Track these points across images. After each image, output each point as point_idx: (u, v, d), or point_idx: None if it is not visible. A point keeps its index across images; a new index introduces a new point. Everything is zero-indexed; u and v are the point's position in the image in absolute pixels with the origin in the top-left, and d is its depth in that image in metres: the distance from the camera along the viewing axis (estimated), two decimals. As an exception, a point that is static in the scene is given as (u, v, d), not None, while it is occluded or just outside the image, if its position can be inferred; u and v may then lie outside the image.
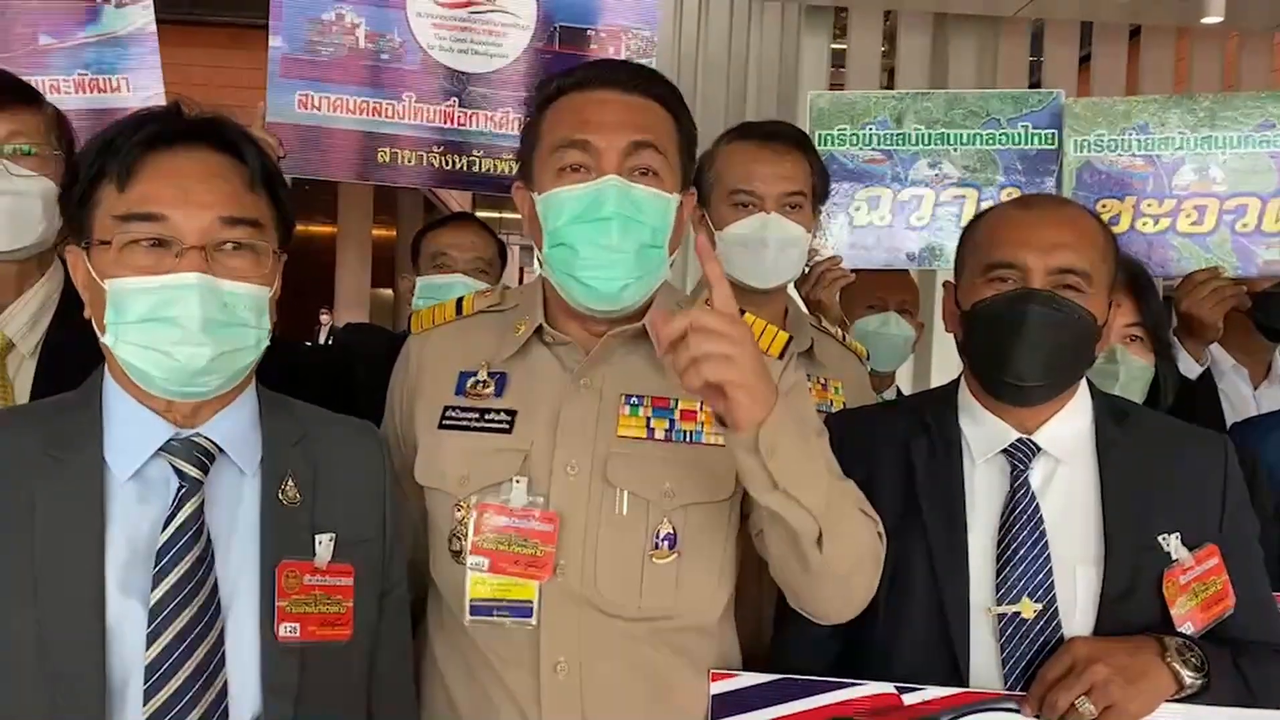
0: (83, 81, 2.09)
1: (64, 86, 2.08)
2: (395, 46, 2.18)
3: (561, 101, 1.46)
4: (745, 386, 1.20)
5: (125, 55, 2.10)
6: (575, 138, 1.41)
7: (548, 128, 1.45)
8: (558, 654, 1.40)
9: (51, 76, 2.08)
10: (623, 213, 1.38)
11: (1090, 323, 1.48)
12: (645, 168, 1.41)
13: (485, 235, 2.58)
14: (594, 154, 1.40)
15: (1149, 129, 2.48)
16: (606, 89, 1.44)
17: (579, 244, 1.39)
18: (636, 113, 1.43)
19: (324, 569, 1.26)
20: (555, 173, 1.42)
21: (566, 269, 1.42)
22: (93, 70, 2.10)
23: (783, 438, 1.23)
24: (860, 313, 2.60)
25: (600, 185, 1.39)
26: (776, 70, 4.55)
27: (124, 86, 2.11)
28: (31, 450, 1.19)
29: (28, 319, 1.66)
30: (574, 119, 1.42)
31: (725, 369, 1.19)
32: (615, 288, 1.41)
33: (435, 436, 1.47)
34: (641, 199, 1.40)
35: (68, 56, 2.10)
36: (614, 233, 1.38)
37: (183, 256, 1.17)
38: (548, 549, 1.38)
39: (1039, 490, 1.51)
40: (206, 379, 1.19)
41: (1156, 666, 1.39)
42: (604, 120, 1.41)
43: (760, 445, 1.22)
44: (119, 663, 1.15)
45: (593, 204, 1.39)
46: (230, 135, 1.24)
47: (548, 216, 1.43)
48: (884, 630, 1.51)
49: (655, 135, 1.43)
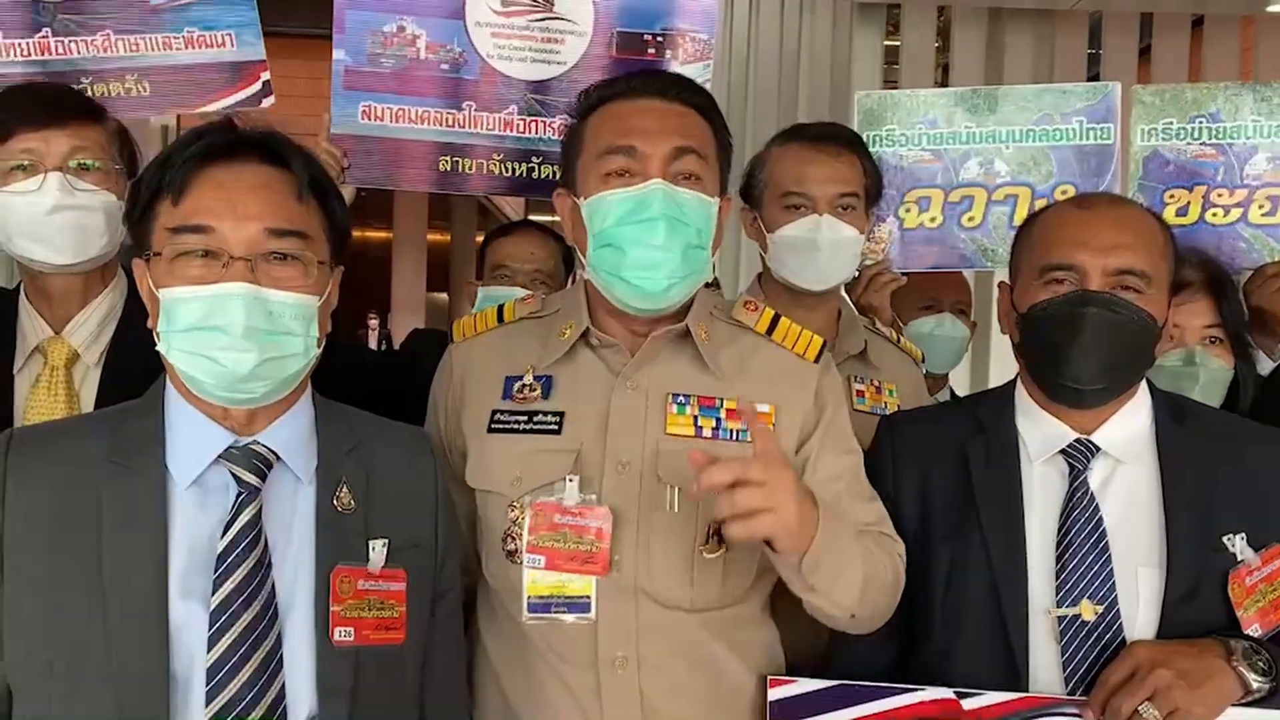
0: (191, 38, 2.17)
1: (175, 43, 2.17)
2: (455, 56, 2.20)
3: (604, 109, 1.51)
4: (789, 535, 1.29)
5: (229, 12, 2.18)
6: (621, 143, 1.45)
7: (592, 135, 1.50)
8: (616, 649, 1.43)
9: (163, 35, 2.16)
10: (669, 214, 1.42)
11: (1150, 324, 1.46)
12: (688, 172, 1.46)
13: (548, 245, 2.56)
14: (639, 159, 1.44)
15: (1220, 117, 2.41)
16: (649, 97, 1.49)
17: (626, 244, 1.43)
18: (678, 120, 1.48)
19: (377, 574, 1.28)
20: (601, 177, 1.46)
21: (613, 269, 1.45)
22: (200, 27, 2.17)
23: (823, 559, 1.33)
24: (914, 314, 2.56)
25: (647, 188, 1.43)
26: (829, 68, 4.51)
27: (229, 42, 2.18)
28: (97, 457, 1.23)
29: (93, 329, 1.70)
30: (619, 126, 1.47)
31: (768, 525, 1.27)
32: (661, 286, 1.44)
33: (485, 440, 1.50)
34: (686, 201, 1.44)
35: (177, 15, 2.17)
36: (661, 233, 1.42)
37: (229, 267, 1.19)
38: (603, 545, 1.41)
39: (1098, 491, 1.49)
40: (253, 385, 1.22)
41: (1222, 670, 1.36)
42: (648, 127, 1.46)
43: (803, 568, 1.33)
44: (182, 664, 1.18)
45: (640, 205, 1.43)
46: (280, 148, 1.27)
47: (594, 219, 1.46)
48: (942, 632, 1.51)
49: (697, 141, 1.48)
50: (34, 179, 1.64)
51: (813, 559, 1.31)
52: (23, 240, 1.66)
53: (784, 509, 1.26)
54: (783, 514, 1.26)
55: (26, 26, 2.11)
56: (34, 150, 1.65)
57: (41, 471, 1.22)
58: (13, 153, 1.65)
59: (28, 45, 2.11)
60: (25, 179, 1.64)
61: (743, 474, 1.25)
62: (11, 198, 1.64)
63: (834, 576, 1.36)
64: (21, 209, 1.64)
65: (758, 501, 1.25)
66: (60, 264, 1.67)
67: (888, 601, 1.47)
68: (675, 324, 1.51)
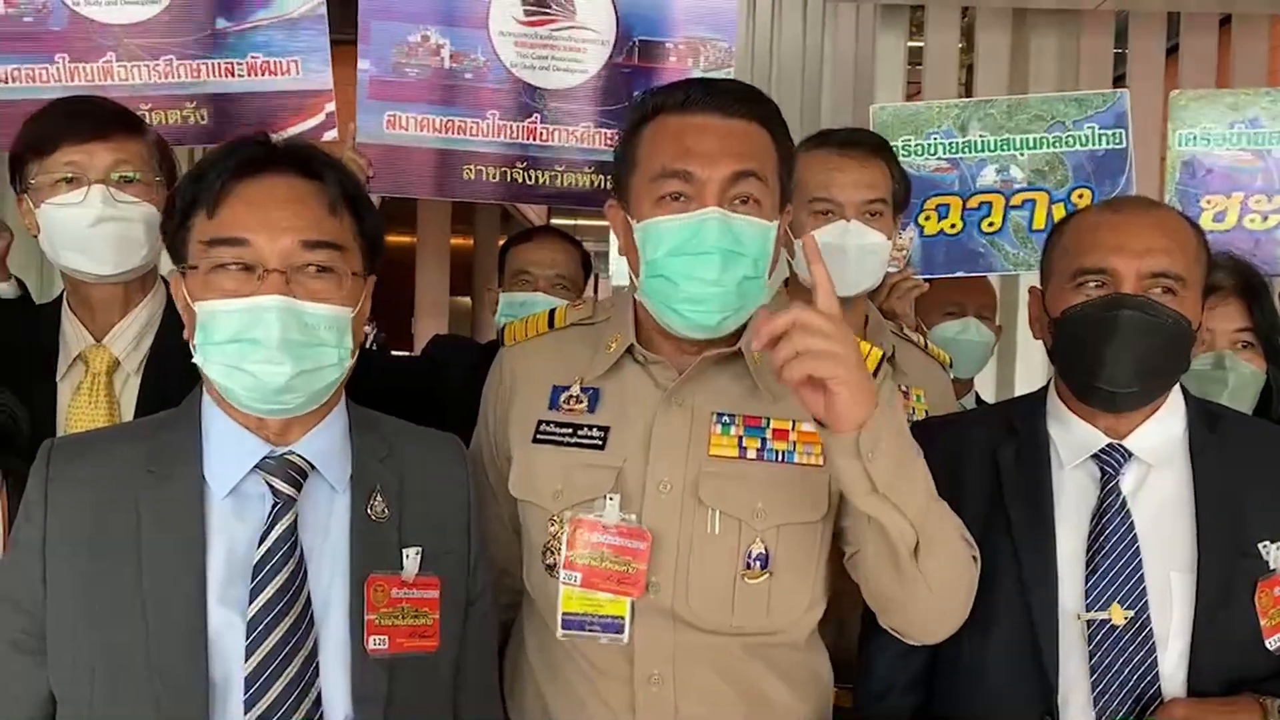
0: (254, 64, 2.12)
1: (238, 70, 2.11)
2: (479, 65, 2.21)
3: (659, 123, 1.42)
4: (848, 383, 1.19)
5: (296, 37, 2.12)
6: (676, 167, 1.38)
7: (646, 152, 1.42)
8: (651, 667, 1.42)
9: (226, 60, 2.11)
10: (724, 246, 1.35)
11: (1185, 327, 1.45)
12: (746, 195, 1.38)
13: (568, 251, 2.59)
14: (695, 184, 1.37)
15: (1259, 122, 2.41)
16: (707, 113, 1.40)
17: (679, 278, 1.37)
18: (738, 140, 1.40)
19: (411, 582, 1.28)
20: (654, 201, 1.39)
21: (665, 300, 1.40)
22: (264, 53, 2.12)
23: (883, 441, 1.22)
24: (938, 319, 2.56)
25: (702, 217, 1.36)
26: (852, 71, 4.50)
27: (294, 69, 2.13)
28: (136, 466, 1.25)
29: (133, 338, 1.72)
30: (674, 147, 1.39)
31: (829, 364, 1.18)
32: (714, 321, 1.39)
33: (529, 450, 1.48)
34: (742, 230, 1.37)
35: (241, 39, 2.12)
36: (715, 267, 1.35)
37: (264, 279, 1.20)
38: (640, 567, 1.39)
39: (1130, 495, 1.48)
40: (288, 396, 1.23)
41: None
42: (705, 149, 1.37)
43: (860, 447, 1.21)
44: (220, 672, 1.19)
45: (693, 237, 1.36)
46: (313, 161, 1.28)
47: (646, 246, 1.40)
48: (971, 637, 1.49)
49: (757, 162, 1.40)
50: (78, 191, 1.66)
51: (871, 435, 1.21)
52: (67, 251, 1.68)
53: (845, 355, 1.18)
54: (844, 358, 1.17)
55: (92, 51, 2.09)
56: (77, 163, 1.67)
57: (82, 480, 1.24)
58: (57, 166, 1.67)
59: (91, 70, 2.11)
60: (69, 191, 1.66)
61: (803, 317, 1.17)
62: (57, 210, 1.67)
63: (895, 468, 1.24)
64: (66, 221, 1.66)
65: (817, 342, 1.17)
66: (103, 274, 1.69)
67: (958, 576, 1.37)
68: (728, 346, 1.45)
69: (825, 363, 1.18)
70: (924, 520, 1.29)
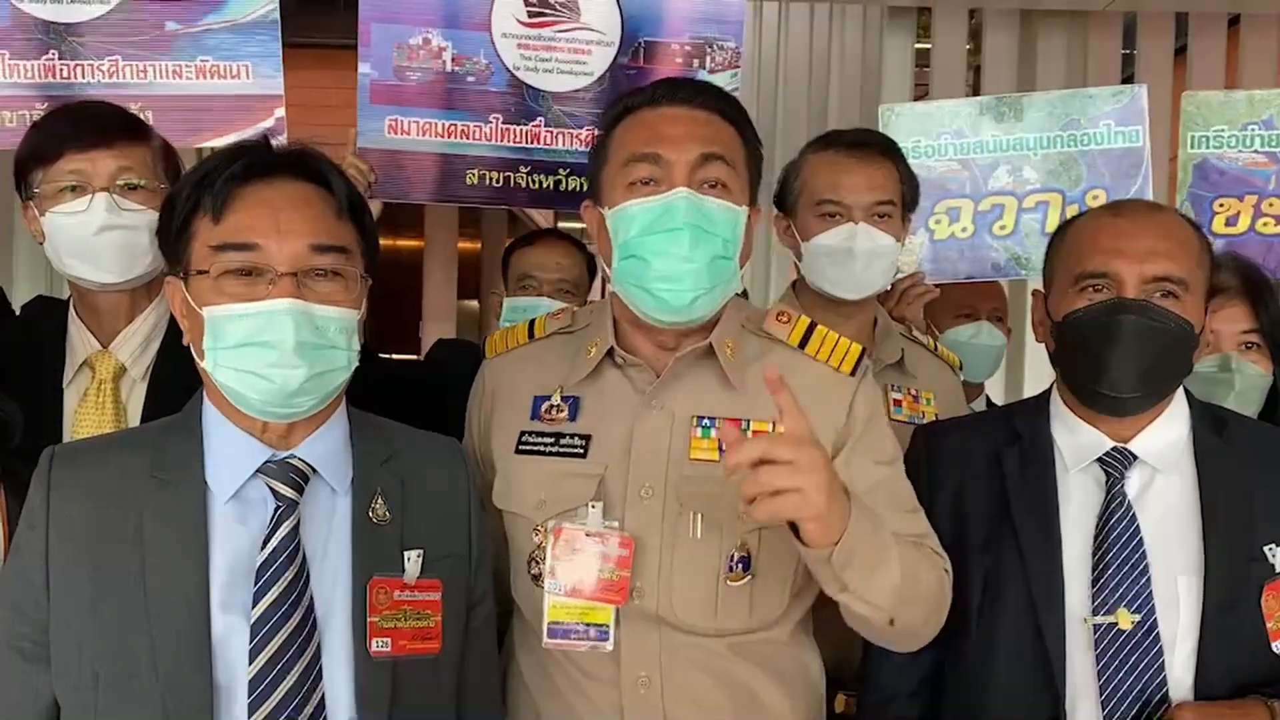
0: (204, 67, 2.10)
1: (186, 72, 2.10)
2: (481, 68, 2.20)
3: (630, 119, 1.47)
4: (818, 519, 1.22)
5: (248, 41, 2.11)
6: (645, 151, 1.42)
7: (616, 145, 1.47)
8: (639, 670, 1.42)
9: (175, 62, 2.10)
10: (694, 223, 1.39)
11: (1187, 331, 1.45)
12: (715, 180, 1.42)
13: (572, 254, 2.57)
14: (664, 167, 1.41)
15: (1274, 124, 2.38)
16: (674, 105, 1.45)
17: (650, 255, 1.40)
18: (704, 126, 1.44)
19: (413, 584, 1.29)
20: (625, 187, 1.43)
21: (638, 281, 1.42)
22: (215, 56, 2.10)
23: (856, 553, 1.25)
24: (951, 322, 2.54)
25: (671, 197, 1.39)
26: (859, 73, 4.49)
27: (244, 73, 2.12)
28: (138, 472, 1.25)
29: (138, 344, 1.73)
30: (644, 134, 1.44)
31: (796, 505, 1.20)
32: (686, 299, 1.40)
33: (512, 462, 1.50)
34: (712, 210, 1.40)
35: (191, 42, 2.11)
36: (685, 243, 1.38)
37: (276, 283, 1.21)
38: (623, 573, 1.39)
39: (1135, 499, 1.48)
40: (301, 399, 1.23)
41: None
42: (673, 134, 1.42)
43: (834, 560, 1.25)
44: (224, 677, 1.19)
45: (664, 215, 1.39)
46: (318, 166, 1.28)
47: (618, 230, 1.43)
48: (978, 643, 1.50)
49: (724, 148, 1.44)
50: (82, 199, 1.66)
51: (844, 552, 1.24)
52: (73, 260, 1.68)
53: (812, 491, 1.18)
54: (810, 496, 1.18)
55: (34, 49, 2.07)
56: (82, 171, 1.67)
57: (84, 487, 1.24)
58: (61, 174, 1.67)
59: (33, 68, 2.08)
60: (74, 199, 1.67)
61: (769, 451, 1.18)
62: (61, 218, 1.67)
63: (868, 573, 1.28)
64: (71, 229, 1.66)
65: (783, 480, 1.18)
66: (108, 283, 1.69)
67: (928, 614, 1.41)
68: (702, 340, 1.47)
69: (793, 503, 1.19)
70: (896, 603, 1.32)
